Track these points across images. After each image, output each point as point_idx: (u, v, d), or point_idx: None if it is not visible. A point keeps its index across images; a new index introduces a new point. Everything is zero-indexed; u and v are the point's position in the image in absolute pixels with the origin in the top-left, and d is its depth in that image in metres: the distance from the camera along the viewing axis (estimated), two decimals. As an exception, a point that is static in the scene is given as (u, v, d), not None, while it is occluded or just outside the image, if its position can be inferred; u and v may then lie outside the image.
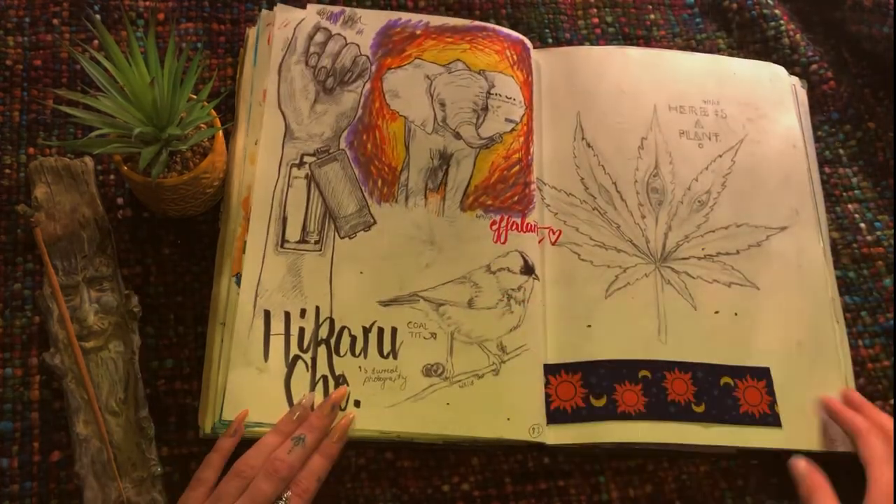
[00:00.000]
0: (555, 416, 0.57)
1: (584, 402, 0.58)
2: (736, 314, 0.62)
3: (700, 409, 0.58)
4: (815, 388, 0.59)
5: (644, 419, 0.57)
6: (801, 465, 0.56)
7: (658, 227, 0.64)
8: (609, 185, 0.65)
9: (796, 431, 0.58)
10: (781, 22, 0.72)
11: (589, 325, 0.60)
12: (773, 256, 0.64)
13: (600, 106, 0.67)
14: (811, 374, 0.60)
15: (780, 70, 0.71)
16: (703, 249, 0.64)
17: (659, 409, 0.57)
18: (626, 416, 0.57)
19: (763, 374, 0.60)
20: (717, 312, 0.61)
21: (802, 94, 0.71)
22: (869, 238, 0.66)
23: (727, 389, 0.59)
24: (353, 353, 0.58)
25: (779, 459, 0.58)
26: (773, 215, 0.65)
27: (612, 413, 0.57)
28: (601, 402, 0.58)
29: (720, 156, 0.67)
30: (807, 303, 0.62)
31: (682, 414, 0.58)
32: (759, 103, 0.69)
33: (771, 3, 0.73)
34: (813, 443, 0.58)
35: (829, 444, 0.58)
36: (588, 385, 0.58)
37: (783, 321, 0.62)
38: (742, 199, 0.65)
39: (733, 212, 0.65)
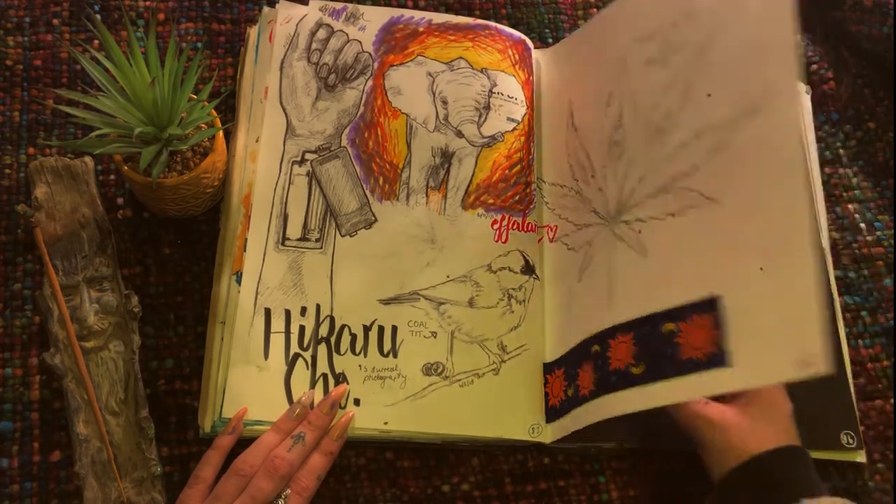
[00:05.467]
0: (550, 413, 0.57)
1: (565, 394, 0.57)
2: (687, 244, 0.52)
3: (639, 370, 0.51)
4: (780, 317, 0.46)
5: (594, 397, 0.53)
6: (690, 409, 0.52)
7: (616, 181, 0.58)
8: (585, 160, 0.61)
9: (753, 368, 0.46)
10: (781, 21, 0.72)
11: (571, 315, 0.59)
12: (738, 155, 0.50)
13: (586, 85, 0.64)
14: (778, 299, 0.46)
15: None
16: (656, 184, 0.54)
17: (604, 382, 0.53)
18: (583, 400, 0.54)
19: (709, 306, 0.48)
20: (667, 248, 0.53)
21: (807, 101, 0.70)
22: (869, 238, 0.66)
23: (669, 337, 0.50)
24: (353, 352, 0.57)
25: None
26: (742, 96, 0.50)
27: (576, 400, 0.55)
28: (571, 391, 0.56)
29: (686, 61, 0.55)
30: (776, 208, 0.47)
31: (622, 381, 0.52)
32: None
33: (771, 3, 0.73)
34: (771, 377, 0.48)
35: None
36: (568, 376, 0.57)
37: (744, 238, 0.49)
38: (705, 98, 0.53)
39: (693, 120, 0.53)
